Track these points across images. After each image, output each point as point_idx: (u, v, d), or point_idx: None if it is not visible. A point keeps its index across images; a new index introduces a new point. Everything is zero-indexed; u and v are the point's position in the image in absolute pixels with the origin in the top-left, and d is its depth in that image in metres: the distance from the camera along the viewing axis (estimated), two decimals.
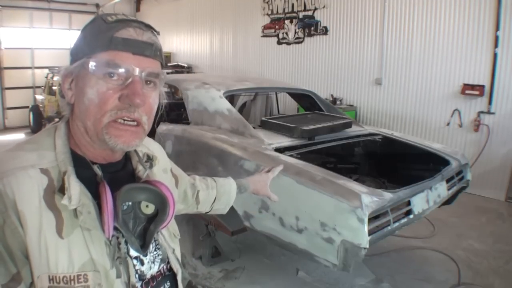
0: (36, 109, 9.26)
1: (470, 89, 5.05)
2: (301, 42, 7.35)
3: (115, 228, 0.75)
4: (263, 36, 8.08)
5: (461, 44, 5.14)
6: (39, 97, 9.52)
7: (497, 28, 4.78)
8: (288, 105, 6.95)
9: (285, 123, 3.20)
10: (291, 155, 2.74)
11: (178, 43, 10.72)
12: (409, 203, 2.49)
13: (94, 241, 0.73)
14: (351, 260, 2.10)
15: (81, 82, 0.76)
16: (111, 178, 0.78)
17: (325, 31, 6.87)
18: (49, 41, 10.80)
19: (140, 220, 0.81)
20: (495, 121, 4.97)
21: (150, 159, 0.91)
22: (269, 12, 7.85)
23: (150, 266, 0.84)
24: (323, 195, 2.22)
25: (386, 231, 2.31)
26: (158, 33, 0.83)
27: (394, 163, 3.55)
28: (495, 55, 4.83)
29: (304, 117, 3.67)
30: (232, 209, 2.75)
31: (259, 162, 2.58)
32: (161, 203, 0.81)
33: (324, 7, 6.82)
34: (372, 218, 2.18)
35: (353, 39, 6.46)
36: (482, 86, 4.97)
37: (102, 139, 0.75)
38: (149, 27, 0.80)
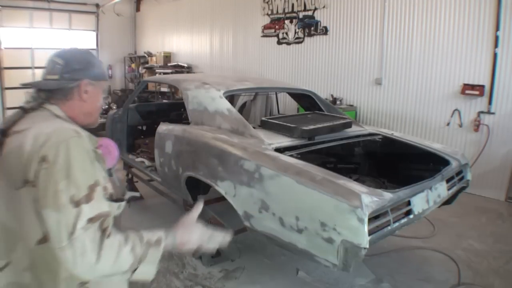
0: None
1: (470, 89, 5.05)
2: (301, 42, 7.35)
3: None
4: (263, 36, 8.08)
5: (461, 44, 5.14)
6: None
7: (497, 28, 4.78)
8: (288, 105, 6.94)
9: (285, 123, 3.19)
10: (291, 155, 2.74)
11: (178, 43, 10.72)
12: (409, 203, 2.49)
13: (102, 168, 1.16)
14: (351, 260, 2.10)
15: (96, 92, 1.27)
16: None
17: (325, 31, 6.87)
18: (49, 41, 10.79)
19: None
20: (495, 121, 4.97)
21: None
22: (269, 12, 7.84)
23: None
24: (323, 195, 2.22)
25: (386, 231, 2.31)
26: None
27: (394, 163, 3.55)
28: (495, 55, 4.83)
29: (304, 117, 3.66)
30: (232, 209, 2.76)
31: (259, 162, 2.58)
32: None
33: (324, 7, 6.82)
34: (372, 218, 2.17)
35: (353, 39, 6.46)
36: (482, 86, 4.97)
37: (94, 123, 1.31)
38: None
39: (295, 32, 7.40)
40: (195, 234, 1.22)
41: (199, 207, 1.30)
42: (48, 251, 1.03)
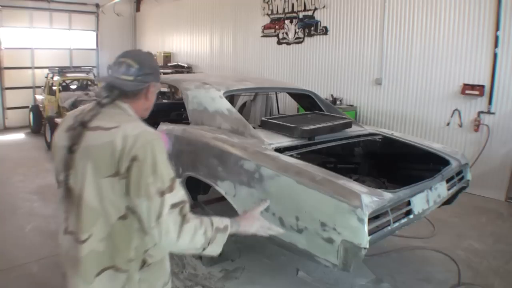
0: (36, 109, 9.24)
1: (470, 89, 5.05)
2: (301, 42, 7.35)
3: None
4: (263, 36, 8.08)
5: (461, 44, 5.14)
6: (39, 97, 9.52)
7: (497, 28, 4.78)
8: (288, 105, 6.94)
9: (285, 123, 3.19)
10: (291, 155, 2.74)
11: (178, 43, 10.73)
12: (409, 203, 2.49)
13: None
14: (351, 260, 2.10)
15: (155, 91, 1.51)
16: None
17: (325, 31, 6.87)
18: (49, 41, 10.80)
19: None
20: (495, 121, 4.97)
21: None
22: (269, 12, 7.85)
23: None
24: (323, 195, 2.22)
25: (386, 231, 2.31)
26: None
27: (394, 163, 3.54)
28: (495, 55, 4.83)
29: (304, 117, 3.66)
30: (232, 209, 2.76)
31: (259, 162, 2.58)
32: None
33: (324, 7, 6.82)
34: (372, 218, 2.17)
35: (353, 39, 6.46)
36: (482, 86, 4.97)
37: (146, 116, 1.52)
38: None
39: (295, 32, 7.40)
40: (255, 226, 1.49)
41: (265, 204, 1.65)
42: (125, 225, 1.32)
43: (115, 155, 1.27)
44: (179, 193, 1.28)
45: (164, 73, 9.54)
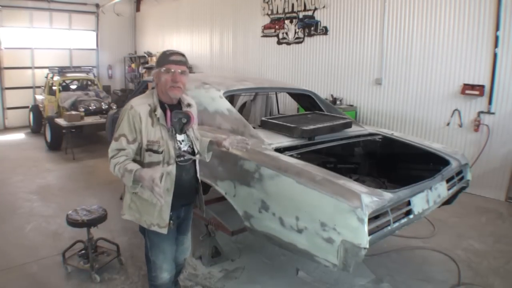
0: (36, 109, 9.24)
1: (470, 89, 5.05)
2: (301, 42, 7.35)
3: (171, 125, 2.08)
4: (263, 36, 8.08)
5: (461, 44, 5.14)
6: (39, 97, 9.52)
7: (497, 28, 4.78)
8: (288, 105, 6.94)
9: (285, 123, 3.19)
10: (291, 155, 2.74)
11: (178, 43, 10.72)
12: (409, 203, 2.49)
13: (163, 130, 2.08)
14: (351, 260, 2.10)
15: (159, 75, 2.09)
16: (172, 109, 2.09)
17: (325, 31, 6.87)
18: (49, 41, 10.79)
19: (180, 123, 2.10)
20: (495, 121, 4.97)
21: (189, 105, 2.24)
22: (269, 12, 7.85)
23: (183, 145, 2.18)
24: (323, 195, 2.22)
25: (386, 231, 2.31)
26: (184, 56, 2.12)
27: (394, 163, 3.54)
28: (495, 55, 4.83)
29: (304, 117, 3.66)
30: (232, 209, 2.76)
31: (259, 162, 2.58)
32: (188, 118, 2.12)
33: (324, 7, 6.82)
34: (372, 218, 2.18)
35: (353, 39, 6.46)
36: (482, 86, 4.97)
37: (167, 93, 2.09)
38: (180, 53, 2.11)
39: (295, 32, 7.40)
40: (146, 180, 1.88)
41: (162, 170, 2.09)
42: None
43: None
44: (121, 144, 2.03)
45: None
